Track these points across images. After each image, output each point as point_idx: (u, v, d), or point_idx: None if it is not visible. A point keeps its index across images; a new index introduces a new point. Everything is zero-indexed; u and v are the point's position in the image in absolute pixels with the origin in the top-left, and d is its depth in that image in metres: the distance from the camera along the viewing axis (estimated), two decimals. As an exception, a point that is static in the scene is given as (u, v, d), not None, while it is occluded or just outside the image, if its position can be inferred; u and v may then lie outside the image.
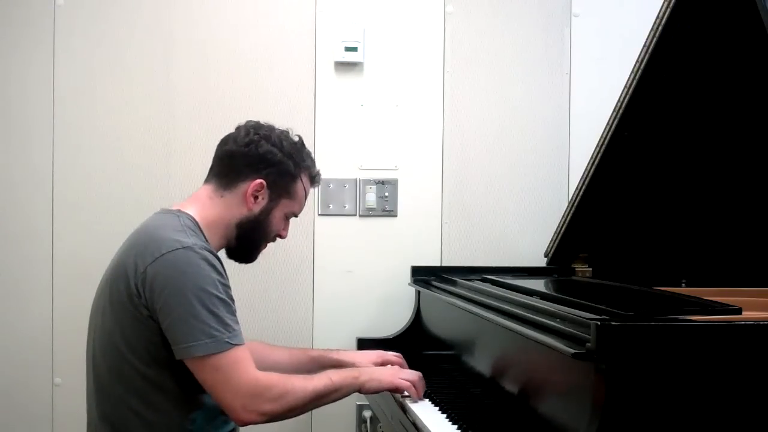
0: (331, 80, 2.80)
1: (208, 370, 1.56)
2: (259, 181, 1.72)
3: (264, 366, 1.84)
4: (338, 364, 1.94)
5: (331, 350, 2.05)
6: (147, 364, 1.60)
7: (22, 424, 2.71)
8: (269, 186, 1.73)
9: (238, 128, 1.78)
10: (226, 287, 1.61)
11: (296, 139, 1.80)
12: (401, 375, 1.81)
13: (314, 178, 1.84)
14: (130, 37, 2.73)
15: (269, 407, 1.58)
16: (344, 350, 2.08)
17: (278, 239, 1.84)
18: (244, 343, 1.60)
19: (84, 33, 2.72)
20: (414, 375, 1.84)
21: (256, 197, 1.73)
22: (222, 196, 1.73)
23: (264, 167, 1.72)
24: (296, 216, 1.84)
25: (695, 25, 2.02)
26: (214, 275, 1.58)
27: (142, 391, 1.61)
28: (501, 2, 2.86)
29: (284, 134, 1.78)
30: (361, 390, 1.74)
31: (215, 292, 1.57)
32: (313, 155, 1.85)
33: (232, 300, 1.63)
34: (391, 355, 2.00)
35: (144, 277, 1.56)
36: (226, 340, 1.55)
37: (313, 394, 1.64)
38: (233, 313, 1.61)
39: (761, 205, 2.18)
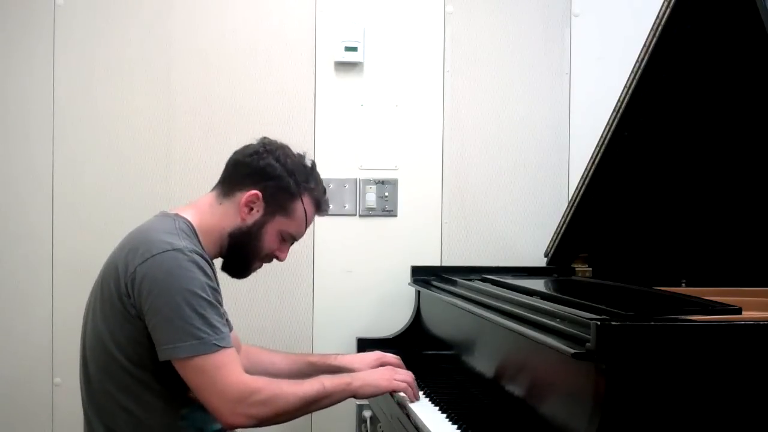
0: (331, 80, 2.80)
1: (193, 371, 1.55)
2: (254, 192, 1.71)
3: (262, 370, 1.84)
4: (336, 370, 1.94)
5: (329, 355, 2.04)
6: (135, 362, 1.60)
7: (22, 424, 2.71)
8: (265, 199, 1.72)
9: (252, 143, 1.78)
10: (215, 291, 1.61)
11: (308, 163, 1.79)
12: (396, 377, 1.80)
13: (320, 205, 1.81)
14: (130, 37, 2.73)
15: (257, 411, 1.58)
16: (342, 354, 2.07)
17: (276, 261, 1.82)
18: (231, 347, 1.60)
19: (84, 33, 2.72)
20: (409, 376, 1.83)
21: (251, 208, 1.72)
22: (221, 204, 1.74)
23: (262, 179, 1.72)
24: (295, 239, 1.81)
25: (695, 25, 2.01)
26: (203, 278, 1.58)
27: (131, 388, 1.61)
28: (501, 2, 2.86)
29: (293, 154, 1.77)
30: (355, 395, 1.74)
31: (203, 294, 1.56)
32: (323, 185, 1.82)
33: (221, 303, 1.62)
34: (390, 357, 1.99)
35: (133, 278, 1.57)
36: (213, 342, 1.55)
37: (303, 399, 1.63)
38: (221, 315, 1.60)
39: (761, 205, 2.18)
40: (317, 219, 2.75)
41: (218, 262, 1.79)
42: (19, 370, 2.71)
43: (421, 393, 1.92)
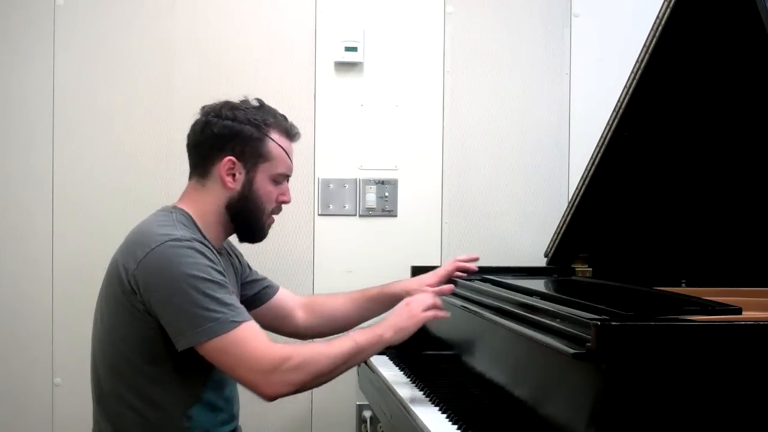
0: (331, 80, 2.80)
1: (218, 353, 1.55)
2: (227, 158, 1.69)
3: (330, 318, 1.96)
4: (394, 297, 1.96)
5: (386, 285, 2.06)
6: (144, 360, 1.60)
7: (22, 424, 2.71)
8: (239, 158, 1.70)
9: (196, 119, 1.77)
10: (219, 272, 1.60)
11: (255, 103, 1.77)
12: (421, 308, 1.75)
13: (288, 132, 1.78)
14: (130, 37, 2.73)
15: (292, 377, 1.56)
16: (400, 281, 2.10)
17: (284, 206, 1.80)
18: (250, 319, 1.59)
19: (84, 33, 2.72)
20: (429, 299, 1.79)
21: (233, 175, 1.70)
22: (204, 186, 1.72)
23: (226, 143, 1.70)
24: (288, 176, 1.79)
25: (695, 25, 2.02)
26: (205, 261, 1.58)
27: (140, 387, 1.61)
28: (501, 2, 2.86)
29: (237, 104, 1.75)
30: (391, 345, 1.72)
31: (207, 276, 1.56)
32: (280, 112, 1.79)
33: (227, 283, 1.62)
34: (446, 288, 1.99)
35: (136, 274, 1.57)
36: (231, 319, 1.55)
37: (337, 358, 1.62)
38: (231, 293, 1.60)
39: (761, 205, 2.18)
40: (317, 219, 2.78)
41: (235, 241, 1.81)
42: (19, 370, 2.71)
43: (420, 393, 1.92)
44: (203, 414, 1.66)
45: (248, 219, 1.75)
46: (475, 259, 2.12)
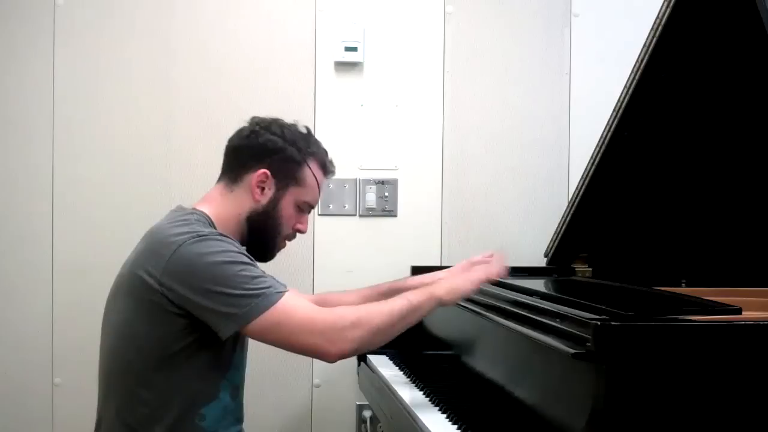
0: (331, 80, 2.80)
1: (271, 327, 1.54)
2: (262, 170, 1.70)
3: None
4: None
5: (398, 280, 2.04)
6: (164, 357, 1.59)
7: (22, 425, 2.71)
8: (274, 174, 1.71)
9: (242, 126, 1.79)
10: (249, 256, 1.62)
11: (304, 129, 1.80)
12: (473, 277, 1.77)
13: (326, 167, 1.80)
14: (130, 37, 2.73)
15: (353, 333, 1.57)
16: (413, 277, 2.09)
17: (299, 235, 1.82)
18: (289, 288, 1.60)
19: (84, 33, 2.72)
20: (494, 269, 1.81)
21: (262, 188, 1.71)
22: (232, 191, 1.73)
23: (266, 156, 1.71)
24: (312, 207, 1.81)
25: (695, 25, 2.02)
26: (233, 247, 1.59)
27: (155, 384, 1.60)
28: (501, 2, 2.86)
29: (288, 124, 1.78)
30: (442, 303, 1.72)
31: (239, 259, 1.57)
32: (323, 146, 1.82)
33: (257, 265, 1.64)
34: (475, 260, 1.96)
35: (166, 273, 1.56)
36: (276, 291, 1.56)
37: (392, 314, 1.62)
38: (262, 271, 1.61)
39: (761, 205, 2.18)
40: (317, 219, 2.78)
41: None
42: (19, 370, 2.71)
43: (420, 393, 1.92)
44: (216, 414, 1.65)
45: (264, 236, 1.75)
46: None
